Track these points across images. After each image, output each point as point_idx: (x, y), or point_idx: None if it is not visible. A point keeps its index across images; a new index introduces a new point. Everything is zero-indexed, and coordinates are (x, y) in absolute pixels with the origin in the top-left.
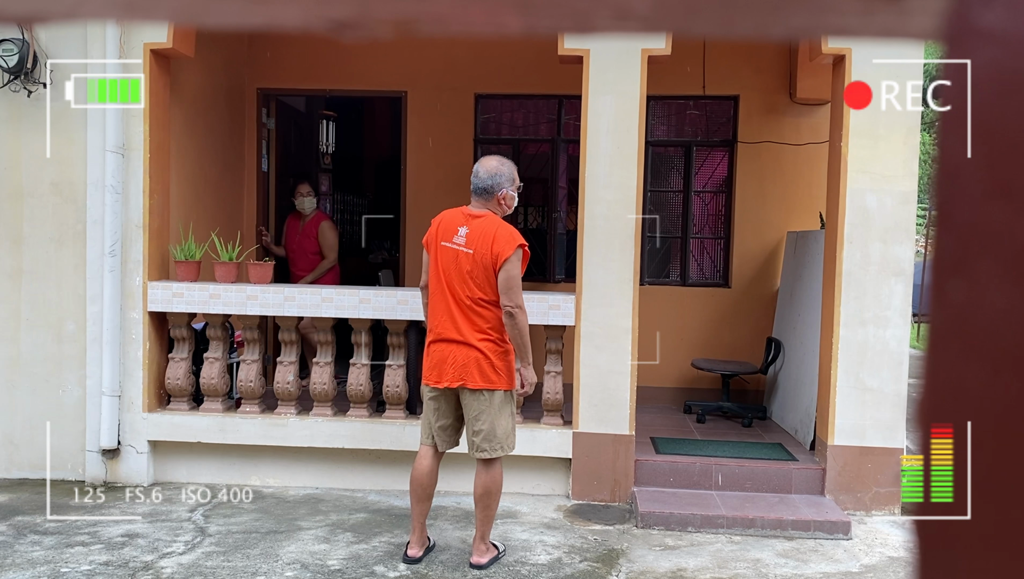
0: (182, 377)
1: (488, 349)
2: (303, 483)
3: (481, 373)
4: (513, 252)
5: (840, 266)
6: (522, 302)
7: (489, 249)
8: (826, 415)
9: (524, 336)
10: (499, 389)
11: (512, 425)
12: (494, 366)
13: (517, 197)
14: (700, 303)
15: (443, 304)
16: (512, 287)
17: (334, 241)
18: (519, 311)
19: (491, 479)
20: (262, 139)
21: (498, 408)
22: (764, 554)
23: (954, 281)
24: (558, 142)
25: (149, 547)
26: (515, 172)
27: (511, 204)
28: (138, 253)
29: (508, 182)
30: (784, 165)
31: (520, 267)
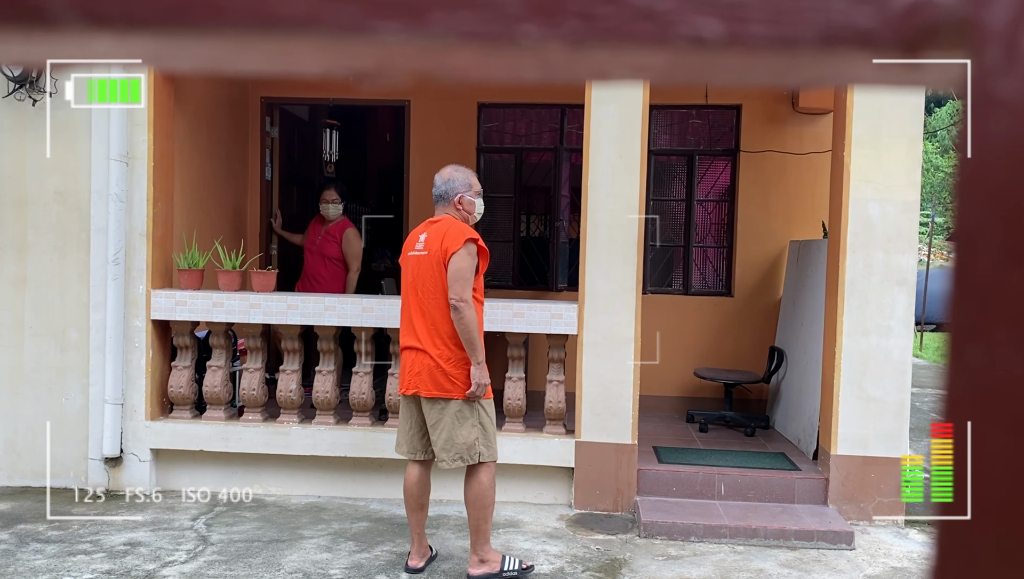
0: (185, 385)
1: (441, 356)
2: (305, 491)
3: (434, 381)
4: (462, 245)
5: (843, 275)
6: (468, 296)
7: (439, 245)
8: (829, 424)
9: (470, 331)
10: (454, 398)
11: (479, 435)
12: (447, 374)
13: (479, 202)
14: (703, 312)
15: (406, 312)
16: (458, 279)
17: (359, 249)
18: (464, 305)
19: (472, 489)
20: (266, 148)
21: (454, 417)
22: (767, 564)
23: (972, 346)
24: (561, 151)
25: (151, 556)
26: (471, 178)
27: (471, 209)
28: (142, 261)
29: (463, 187)
30: (787, 174)
31: (470, 261)
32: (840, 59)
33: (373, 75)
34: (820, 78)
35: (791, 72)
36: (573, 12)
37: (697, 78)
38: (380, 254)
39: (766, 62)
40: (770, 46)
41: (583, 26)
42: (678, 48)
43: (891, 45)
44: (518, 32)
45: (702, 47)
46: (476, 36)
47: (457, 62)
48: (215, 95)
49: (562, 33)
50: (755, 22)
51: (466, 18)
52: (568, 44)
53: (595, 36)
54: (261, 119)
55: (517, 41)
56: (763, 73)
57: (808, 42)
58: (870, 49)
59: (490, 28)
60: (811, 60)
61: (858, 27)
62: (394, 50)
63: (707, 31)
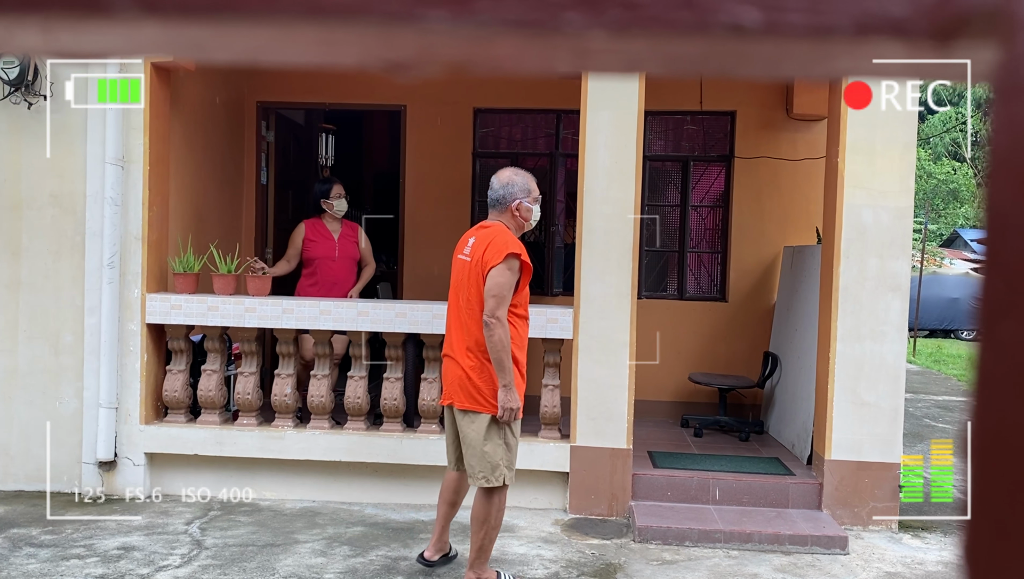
0: (180, 389)
1: (470, 368)
2: (300, 496)
3: (466, 394)
4: (502, 260)
5: (837, 281)
6: (502, 314)
7: (482, 256)
8: (823, 429)
9: (499, 352)
10: (484, 412)
11: (503, 455)
12: (477, 387)
13: (537, 210)
14: (697, 317)
15: (449, 318)
16: (494, 295)
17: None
18: (495, 322)
19: (480, 507)
20: (261, 152)
21: (483, 434)
22: (761, 569)
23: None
24: (556, 156)
25: (145, 560)
26: (531, 183)
27: (528, 216)
28: (137, 265)
29: (522, 193)
30: (781, 180)
31: (509, 277)
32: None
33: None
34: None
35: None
36: (616, 1)
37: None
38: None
39: (800, 51)
40: (806, 35)
41: (625, 14)
42: (716, 36)
43: (923, 34)
44: (562, 20)
45: (740, 35)
46: (520, 24)
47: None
48: (211, 99)
49: (604, 21)
50: (792, 11)
51: (511, 5)
52: (610, 32)
53: (636, 24)
54: (257, 123)
55: (560, 29)
56: (795, 64)
57: (843, 30)
58: (903, 38)
59: (535, 16)
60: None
61: (892, 16)
62: (436, 39)
63: (746, 19)
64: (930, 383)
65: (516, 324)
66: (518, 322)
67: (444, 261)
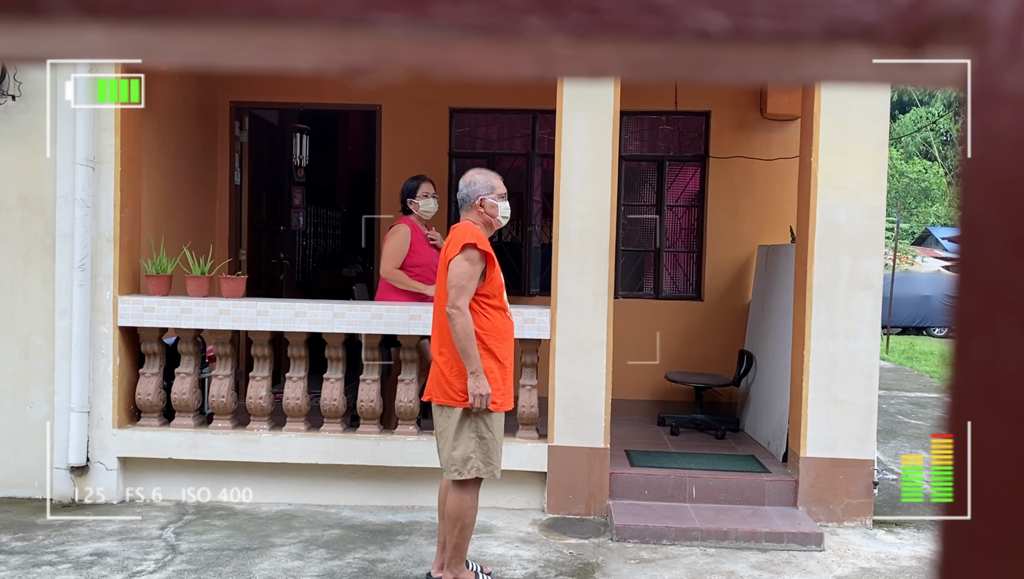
0: (153, 393)
1: (443, 363)
2: (276, 499)
3: (440, 389)
4: (460, 251)
5: (811, 280)
6: (462, 304)
7: (445, 251)
8: (798, 427)
9: (462, 340)
10: (456, 407)
11: (476, 448)
12: (449, 382)
13: (505, 206)
14: (673, 316)
15: (433, 318)
16: (454, 285)
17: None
18: (456, 313)
19: (453, 503)
20: (235, 152)
21: (454, 427)
22: (738, 566)
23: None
24: (533, 156)
25: (119, 566)
26: (495, 180)
27: (493, 212)
28: (108, 267)
29: (485, 189)
30: (755, 180)
31: (468, 268)
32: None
33: (366, 70)
34: (817, 75)
35: (792, 68)
36: (578, 5)
37: (693, 74)
38: (351, 260)
39: (768, 57)
40: (774, 41)
41: (588, 19)
42: (682, 42)
43: (894, 40)
44: (522, 25)
45: (706, 41)
46: (479, 29)
47: (454, 57)
48: (183, 99)
49: (566, 26)
50: (760, 16)
51: (470, 10)
52: (572, 37)
53: (600, 29)
54: (230, 123)
55: (521, 34)
56: (764, 69)
57: (812, 36)
58: (873, 44)
59: (494, 20)
60: (813, 55)
61: (861, 22)
62: (393, 44)
63: (713, 24)
64: (903, 380)
65: (490, 315)
66: (492, 313)
67: None
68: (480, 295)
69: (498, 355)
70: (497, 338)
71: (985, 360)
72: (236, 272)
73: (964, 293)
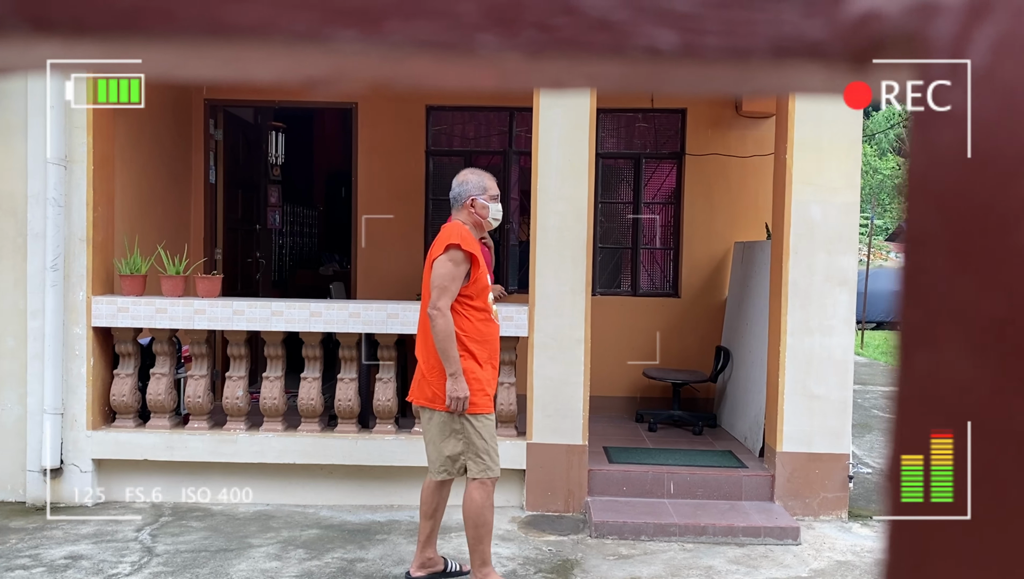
0: (128, 393)
1: (424, 364)
2: (254, 500)
3: (421, 390)
4: (443, 251)
5: (786, 276)
6: (443, 305)
7: (432, 251)
8: (774, 422)
9: (441, 341)
10: (438, 409)
11: (463, 449)
12: (431, 384)
13: (496, 208)
14: (651, 313)
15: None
16: (436, 286)
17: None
18: (436, 314)
19: (465, 505)
20: (210, 150)
21: (438, 429)
22: (716, 561)
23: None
24: (510, 154)
25: (94, 569)
26: (488, 181)
27: (484, 213)
28: (81, 267)
29: (476, 190)
30: (731, 177)
31: (451, 268)
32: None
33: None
34: (772, 88)
35: (743, 82)
36: (531, 22)
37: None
38: (328, 258)
39: (719, 73)
40: (723, 57)
41: (540, 36)
42: (633, 58)
43: (840, 57)
44: (476, 41)
45: (657, 58)
46: (433, 45)
47: (413, 71)
48: (157, 97)
49: (519, 43)
50: (709, 33)
51: (423, 27)
52: (525, 54)
53: (552, 46)
54: (205, 121)
55: (475, 51)
56: (716, 83)
57: (761, 53)
58: (820, 60)
59: (447, 37)
60: (763, 71)
61: (809, 39)
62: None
63: (662, 42)
64: (877, 374)
65: (471, 316)
66: (474, 315)
67: (397, 260)
68: (463, 296)
69: (478, 357)
70: (478, 340)
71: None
72: (211, 271)
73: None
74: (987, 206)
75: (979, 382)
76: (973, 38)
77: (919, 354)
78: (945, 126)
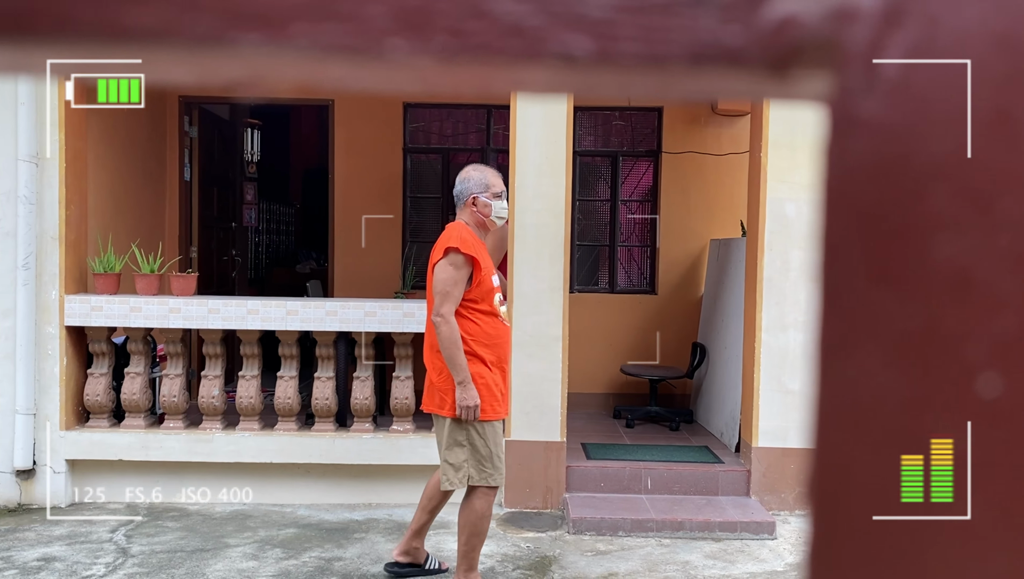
0: (102, 393)
1: (432, 370)
2: (230, 499)
3: (430, 396)
4: (443, 255)
5: (761, 273)
6: (446, 311)
7: (433, 254)
8: (750, 418)
9: (447, 349)
10: (444, 415)
11: (467, 457)
12: (439, 390)
13: (498, 205)
14: (628, 310)
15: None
16: (438, 292)
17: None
18: (440, 321)
19: (463, 513)
20: (184, 148)
21: (444, 437)
22: (693, 556)
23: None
24: (488, 152)
25: (67, 571)
26: (491, 177)
27: (486, 211)
28: (54, 266)
29: (478, 187)
30: (706, 175)
31: (452, 273)
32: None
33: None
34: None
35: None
36: (442, 27)
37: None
38: (304, 256)
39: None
40: (640, 64)
41: (453, 41)
42: (549, 64)
43: (759, 63)
44: (385, 46)
45: (572, 64)
46: (341, 49)
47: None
48: None
49: (431, 48)
50: (625, 40)
51: (330, 31)
52: (438, 59)
53: (465, 51)
54: (179, 118)
55: (384, 56)
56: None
57: (678, 60)
58: (739, 67)
59: (355, 41)
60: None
61: (726, 45)
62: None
63: (577, 48)
64: None
65: (478, 319)
66: (481, 318)
67: (375, 258)
68: (467, 300)
69: (487, 361)
70: (486, 343)
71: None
72: (187, 270)
73: (825, 318)
74: (901, 216)
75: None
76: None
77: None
78: (860, 135)
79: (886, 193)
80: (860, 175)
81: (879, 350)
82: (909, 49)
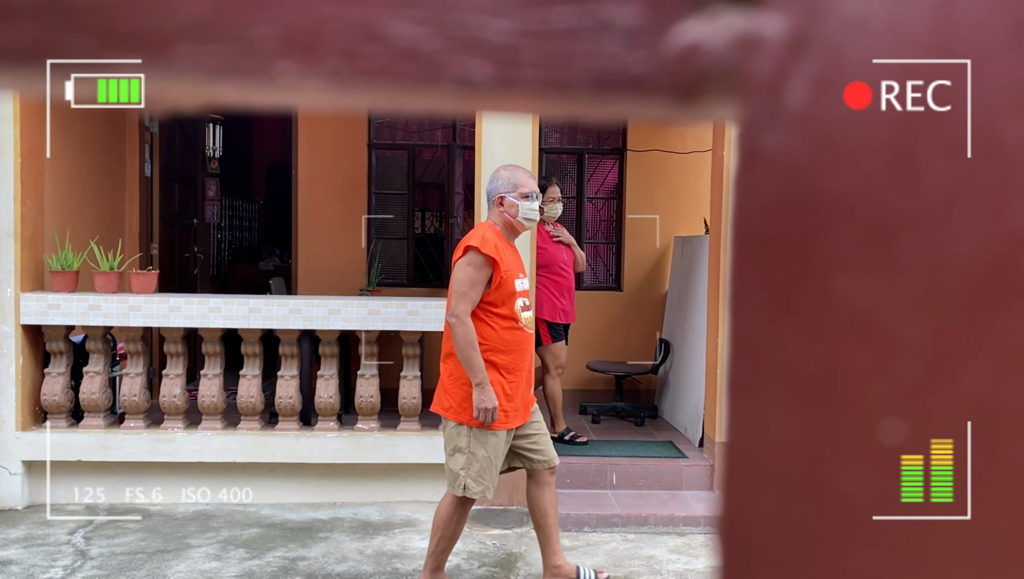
0: (60, 393)
1: (444, 372)
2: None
3: (439, 398)
4: (462, 254)
5: (724, 269)
6: (461, 311)
7: (455, 253)
8: (713, 413)
9: (462, 351)
10: (450, 418)
11: (464, 465)
12: (447, 391)
13: (526, 205)
14: (594, 306)
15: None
16: (454, 291)
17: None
18: (455, 321)
19: (439, 511)
20: (145, 143)
21: (450, 440)
22: (657, 551)
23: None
24: (454, 148)
25: (24, 574)
26: (520, 177)
27: (513, 212)
28: (9, 263)
29: (506, 187)
30: (671, 173)
31: (471, 273)
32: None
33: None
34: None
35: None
36: (334, 50)
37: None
38: (268, 253)
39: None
40: (543, 90)
41: (345, 64)
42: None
43: (665, 91)
44: (274, 69)
45: (472, 89)
46: (228, 72)
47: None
48: None
49: (323, 71)
50: (527, 66)
51: (216, 52)
52: (330, 83)
53: (359, 75)
54: (139, 113)
55: (273, 79)
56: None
57: (581, 86)
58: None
59: (242, 64)
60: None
61: (631, 73)
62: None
63: (477, 73)
64: None
65: (495, 324)
66: (497, 322)
67: (339, 254)
68: (486, 303)
69: (499, 368)
70: (501, 350)
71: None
72: (147, 267)
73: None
74: (806, 253)
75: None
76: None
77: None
78: (765, 167)
79: (790, 228)
80: (765, 209)
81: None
82: (813, 79)
